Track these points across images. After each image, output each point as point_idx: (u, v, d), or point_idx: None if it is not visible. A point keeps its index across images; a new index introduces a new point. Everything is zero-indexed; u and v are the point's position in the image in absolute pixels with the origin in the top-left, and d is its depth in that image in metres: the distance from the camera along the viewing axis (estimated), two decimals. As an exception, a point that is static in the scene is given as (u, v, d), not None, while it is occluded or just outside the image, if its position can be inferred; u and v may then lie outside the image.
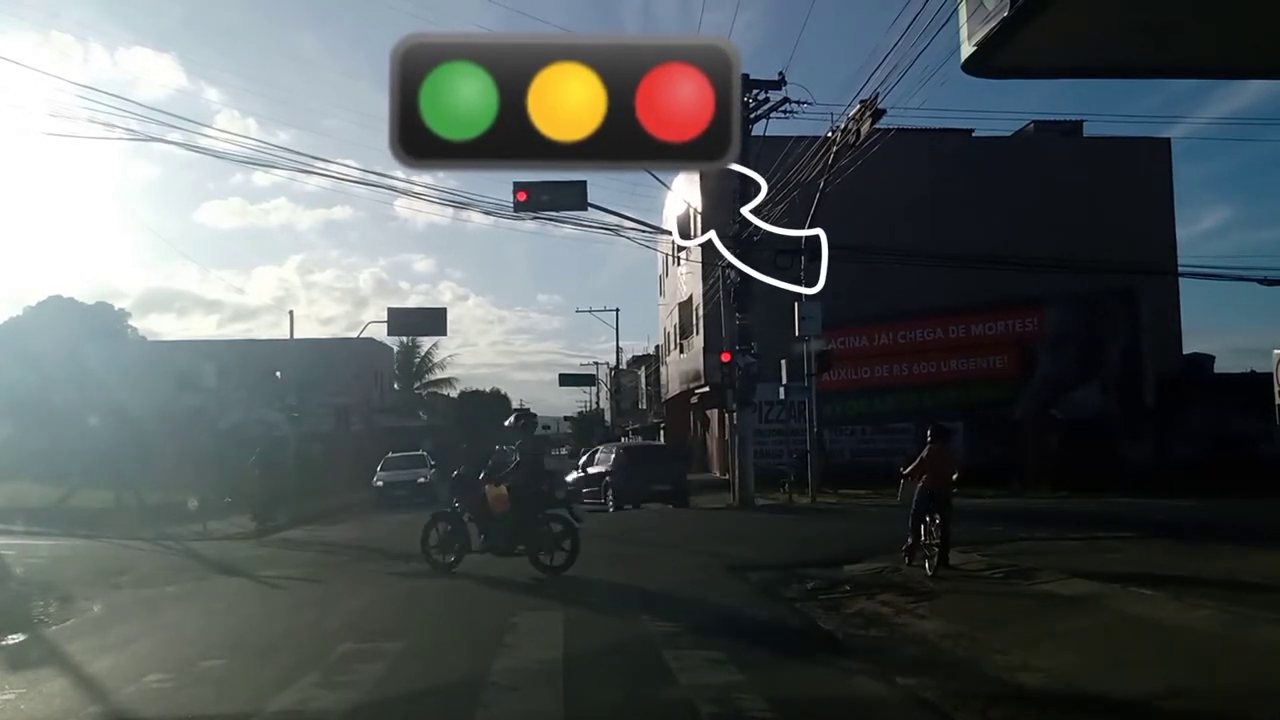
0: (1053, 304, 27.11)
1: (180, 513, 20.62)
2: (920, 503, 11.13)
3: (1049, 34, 4.35)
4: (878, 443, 27.81)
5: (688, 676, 6.65)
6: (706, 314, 33.60)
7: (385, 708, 6.29)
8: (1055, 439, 25.25)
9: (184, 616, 10.28)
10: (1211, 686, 6.01)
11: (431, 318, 37.99)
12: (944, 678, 6.50)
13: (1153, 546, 12.61)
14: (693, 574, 12.02)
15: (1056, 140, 37.54)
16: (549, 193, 21.93)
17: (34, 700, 6.64)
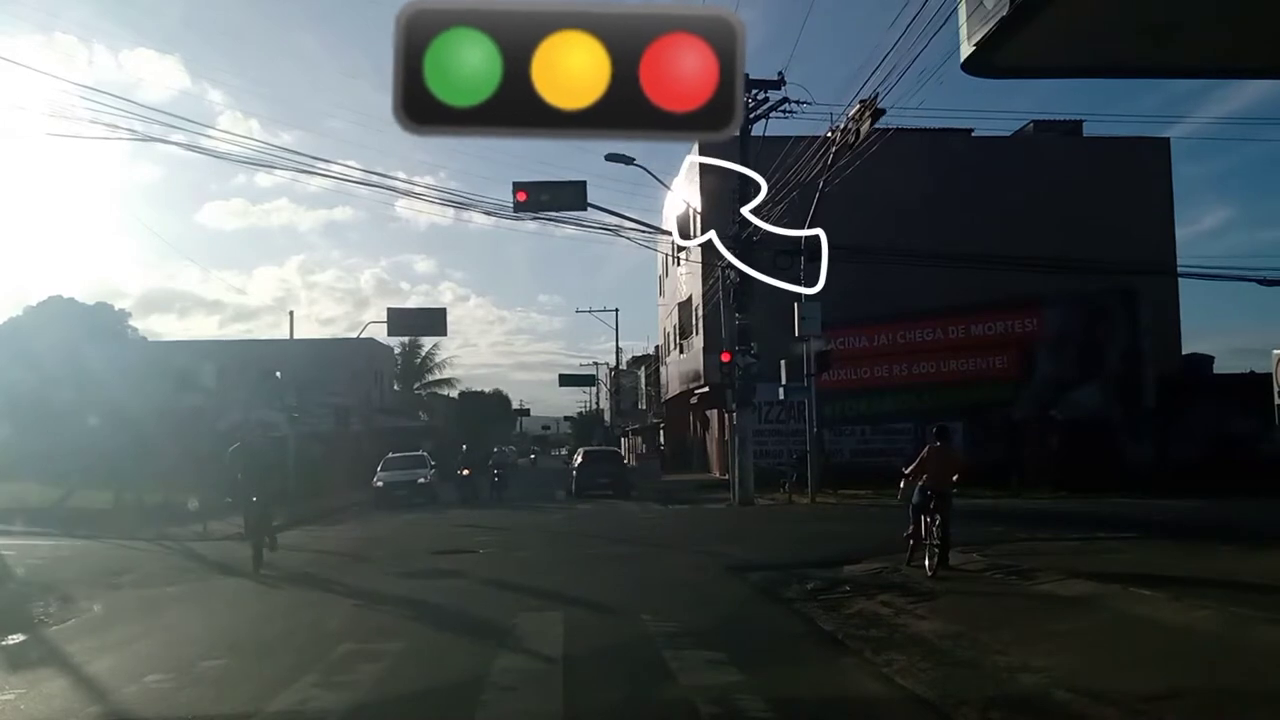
0: (1053, 304, 27.09)
1: (180, 513, 20.61)
2: (920, 500, 11.14)
3: (1048, 34, 4.36)
4: (877, 443, 27.78)
5: (688, 676, 6.65)
6: (706, 314, 33.59)
7: (385, 708, 6.30)
8: (1055, 439, 25.23)
9: (184, 616, 10.28)
10: (1211, 687, 6.01)
11: (431, 318, 37.97)
12: (943, 678, 6.50)
13: (1152, 547, 12.61)
14: (693, 574, 12.03)
15: (1056, 140, 37.53)
16: (549, 193, 21.95)
17: (34, 700, 6.64)
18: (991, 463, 23.29)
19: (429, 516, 23.02)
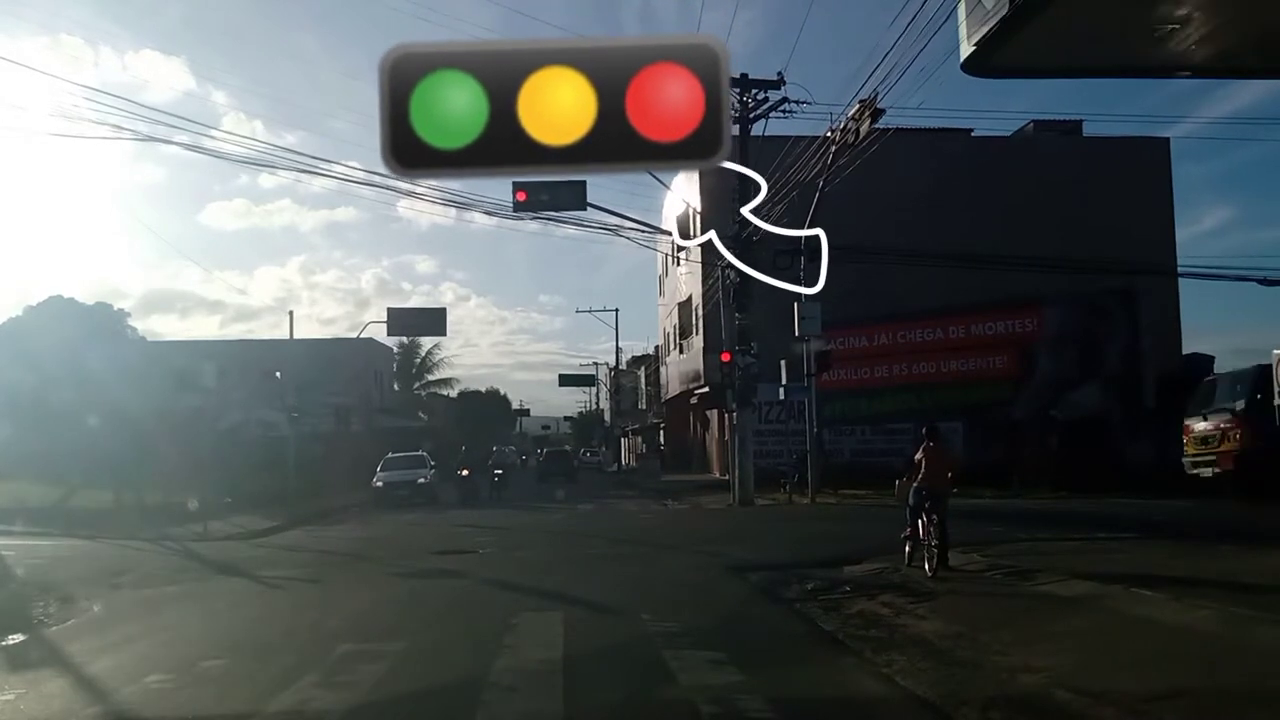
0: (1052, 304, 27.11)
1: (180, 513, 20.61)
2: (916, 500, 11.14)
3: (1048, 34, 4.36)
4: (877, 443, 27.79)
5: (688, 676, 6.65)
6: (706, 314, 33.60)
7: (385, 708, 6.29)
8: (1055, 439, 25.23)
9: (184, 616, 10.27)
10: (1212, 687, 6.01)
11: (431, 318, 37.94)
12: (944, 678, 6.50)
13: (1152, 547, 12.61)
14: (693, 574, 12.03)
15: (1056, 140, 37.53)
16: (548, 193, 21.94)
17: (34, 700, 6.64)
18: (991, 463, 23.31)
19: (429, 516, 23.02)
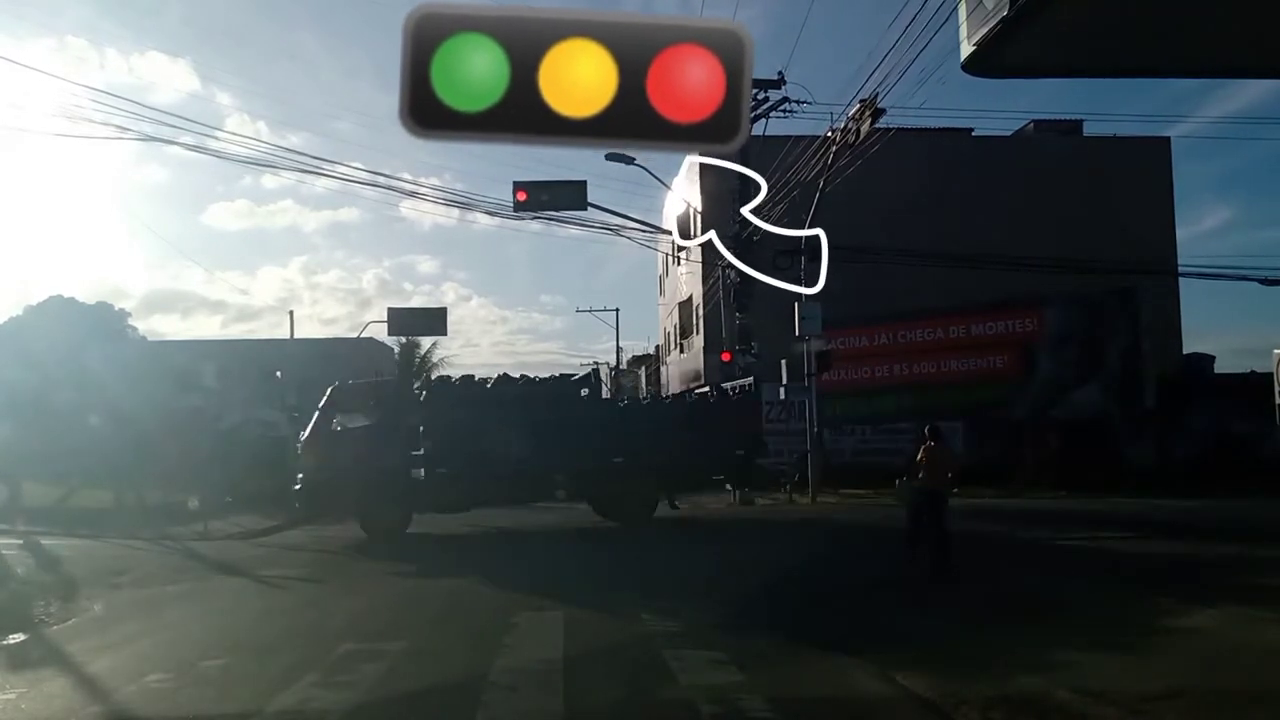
0: (1053, 304, 27.08)
1: (180, 513, 20.59)
2: (916, 500, 11.14)
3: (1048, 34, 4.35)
4: (878, 443, 27.75)
5: (688, 676, 6.65)
6: (706, 314, 33.58)
7: (385, 708, 6.30)
8: (1055, 439, 25.21)
9: (184, 616, 10.27)
10: (1211, 687, 6.02)
11: (431, 318, 37.87)
12: (944, 678, 6.50)
13: (1153, 547, 12.61)
14: (693, 574, 12.02)
15: (1056, 140, 37.50)
16: (549, 192, 21.94)
17: (34, 700, 6.64)
18: (992, 462, 23.31)
19: (428, 516, 22.96)
